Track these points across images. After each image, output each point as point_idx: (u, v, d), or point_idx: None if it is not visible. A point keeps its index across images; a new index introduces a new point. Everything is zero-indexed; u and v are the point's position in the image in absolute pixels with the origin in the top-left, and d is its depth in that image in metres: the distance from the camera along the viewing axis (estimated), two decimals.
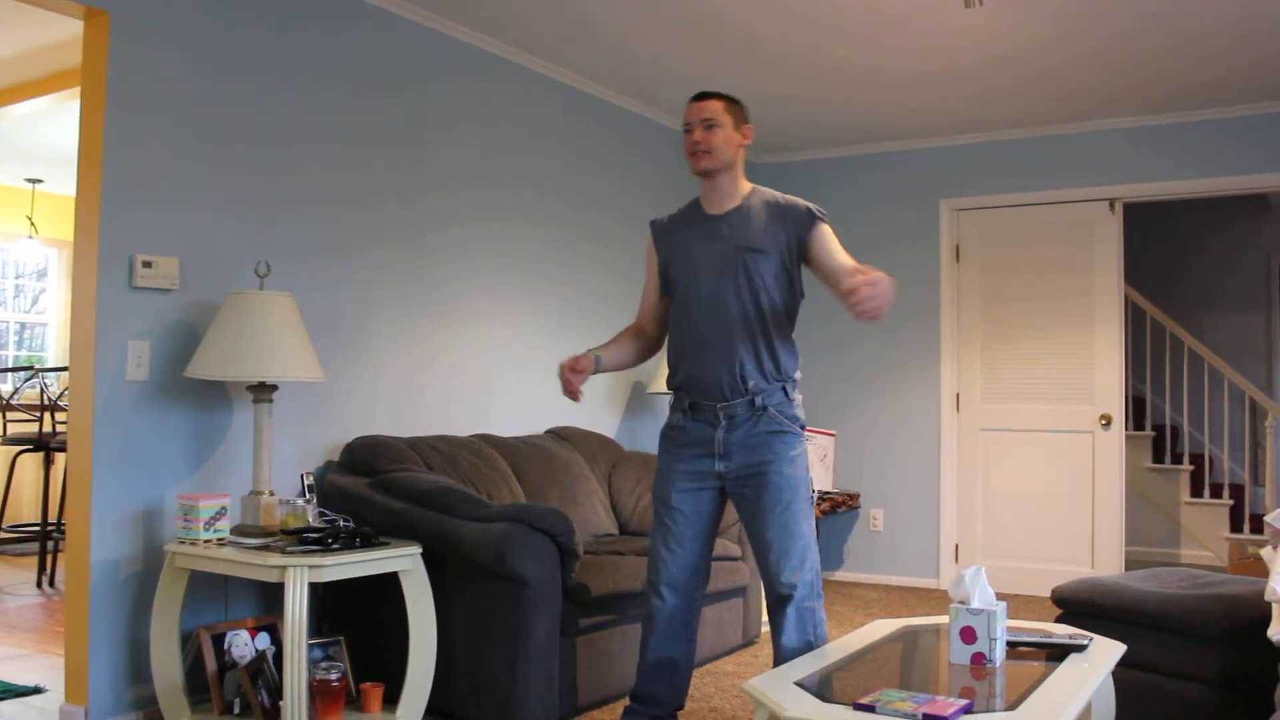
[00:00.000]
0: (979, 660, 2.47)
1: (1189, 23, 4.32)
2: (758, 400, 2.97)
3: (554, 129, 5.06)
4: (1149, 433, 7.14)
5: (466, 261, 4.52)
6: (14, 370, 6.64)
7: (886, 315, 2.69)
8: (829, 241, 3.01)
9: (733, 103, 3.07)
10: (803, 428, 3.04)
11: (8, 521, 6.21)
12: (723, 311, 2.98)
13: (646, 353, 3.31)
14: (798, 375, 3.07)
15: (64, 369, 5.91)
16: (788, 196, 3.09)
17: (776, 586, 2.97)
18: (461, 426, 4.39)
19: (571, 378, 3.05)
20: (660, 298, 3.19)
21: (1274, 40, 4.48)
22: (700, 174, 3.07)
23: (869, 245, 6.35)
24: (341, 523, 3.14)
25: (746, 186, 3.10)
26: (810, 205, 3.06)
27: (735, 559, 4.30)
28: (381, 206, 4.12)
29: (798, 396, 3.05)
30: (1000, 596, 2.62)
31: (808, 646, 2.96)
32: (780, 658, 2.97)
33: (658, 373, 5.16)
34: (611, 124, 5.45)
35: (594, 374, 3.11)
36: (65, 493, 4.64)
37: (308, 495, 3.23)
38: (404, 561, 3.16)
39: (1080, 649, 2.61)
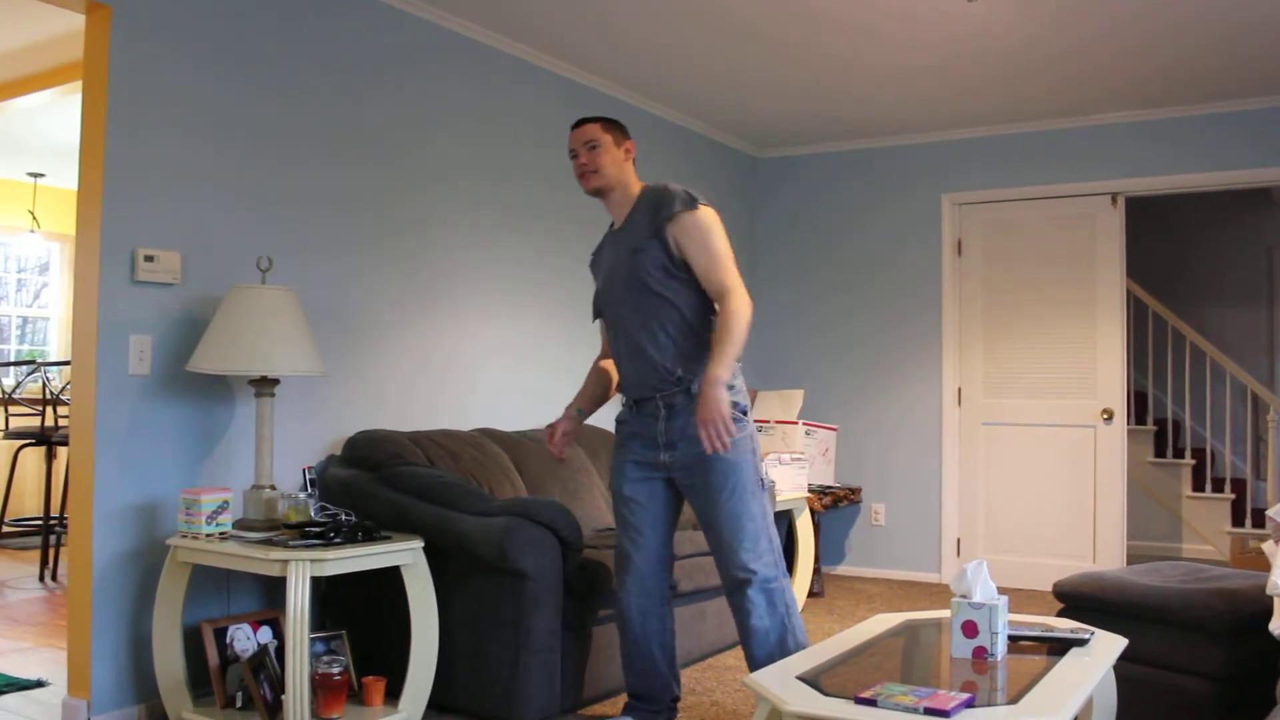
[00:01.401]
0: (980, 654, 2.47)
1: (1189, 14, 4.31)
2: (693, 387, 3.01)
3: (555, 123, 5.05)
4: (1151, 427, 7.14)
5: (468, 255, 4.52)
6: (16, 364, 6.64)
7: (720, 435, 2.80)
8: (694, 234, 2.99)
9: (610, 123, 3.21)
10: (744, 410, 3.06)
11: (10, 516, 6.23)
12: (634, 312, 3.08)
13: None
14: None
15: (66, 363, 5.91)
16: (667, 185, 3.10)
17: (733, 571, 3.00)
18: (463, 420, 4.39)
19: (560, 444, 3.26)
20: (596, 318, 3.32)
21: (1274, 33, 4.47)
22: (593, 194, 3.21)
23: (870, 241, 6.38)
24: (343, 517, 3.14)
25: (637, 189, 3.20)
26: (678, 192, 3.05)
27: None
28: (383, 200, 4.12)
29: (737, 381, 3.06)
30: (1002, 591, 2.62)
31: (782, 627, 2.97)
32: (754, 641, 2.98)
33: None
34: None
35: (585, 421, 3.31)
36: (67, 487, 4.65)
37: (309, 489, 3.23)
38: (406, 556, 3.16)
39: (1082, 643, 2.61)
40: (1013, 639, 2.62)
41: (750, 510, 2.99)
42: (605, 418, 5.28)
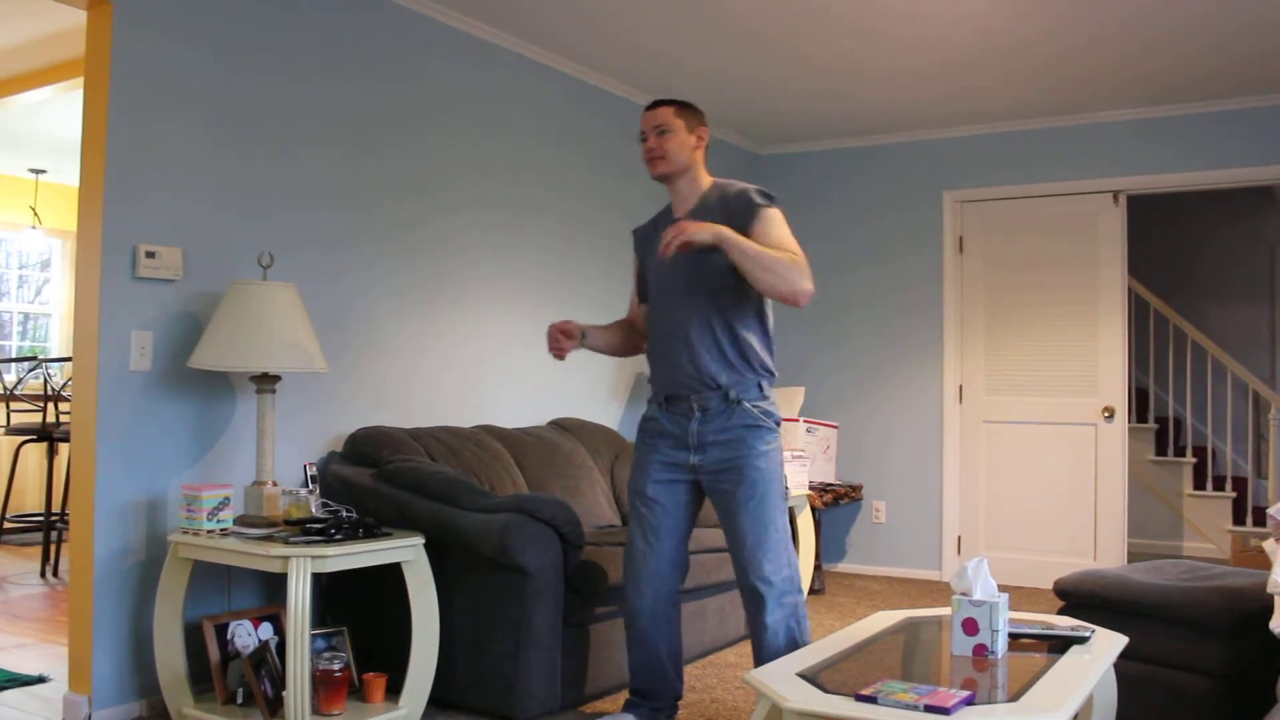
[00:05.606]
0: (981, 652, 2.47)
1: (1191, 11, 4.30)
2: (731, 393, 3.00)
3: (556, 119, 5.06)
4: (1152, 425, 7.14)
5: (469, 252, 4.52)
6: (18, 361, 6.65)
7: (692, 239, 2.78)
8: (766, 227, 2.95)
9: (685, 107, 3.12)
10: (777, 423, 3.05)
11: (12, 511, 6.23)
12: (683, 309, 3.04)
13: (632, 347, 3.36)
14: (772, 368, 3.08)
15: (67, 359, 5.91)
16: (741, 185, 3.08)
17: (753, 581, 2.98)
18: (464, 417, 4.40)
19: (560, 338, 3.17)
20: (641, 303, 3.27)
21: (1276, 31, 4.46)
22: (658, 179, 3.14)
23: (872, 238, 6.38)
24: (344, 513, 3.14)
25: (707, 182, 3.14)
26: (754, 191, 3.03)
27: None
28: (384, 196, 4.12)
29: (772, 392, 3.07)
30: (1002, 588, 2.63)
31: (792, 642, 2.96)
32: (764, 650, 2.97)
33: None
34: (613, 114, 5.44)
35: (579, 347, 3.22)
36: (69, 483, 4.66)
37: (311, 486, 3.24)
38: (407, 552, 3.16)
39: (1082, 641, 2.61)
40: (1013, 636, 2.62)
41: (776, 522, 2.98)
42: (606, 412, 5.29)
